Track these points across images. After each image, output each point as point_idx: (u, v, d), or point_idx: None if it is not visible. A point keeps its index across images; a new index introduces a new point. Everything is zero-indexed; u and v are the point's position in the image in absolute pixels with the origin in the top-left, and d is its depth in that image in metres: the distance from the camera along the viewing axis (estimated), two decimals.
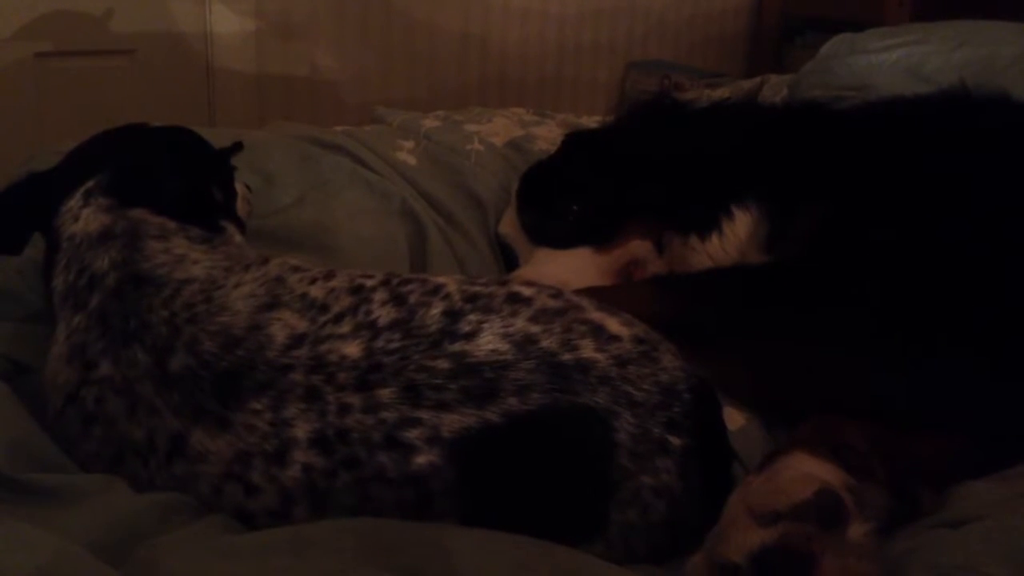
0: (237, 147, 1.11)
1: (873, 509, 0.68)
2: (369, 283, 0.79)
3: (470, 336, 0.72)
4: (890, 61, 1.80)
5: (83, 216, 0.84)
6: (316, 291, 0.79)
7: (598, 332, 0.74)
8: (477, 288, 0.77)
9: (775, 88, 1.91)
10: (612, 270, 1.16)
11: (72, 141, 0.96)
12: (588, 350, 0.72)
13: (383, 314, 0.75)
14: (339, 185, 1.31)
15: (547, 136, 1.58)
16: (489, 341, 0.72)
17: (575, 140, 1.35)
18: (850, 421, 0.77)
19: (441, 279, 0.80)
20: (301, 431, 0.70)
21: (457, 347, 0.71)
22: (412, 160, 1.42)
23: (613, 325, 0.76)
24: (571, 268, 1.14)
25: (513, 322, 0.73)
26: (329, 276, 0.81)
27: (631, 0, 3.22)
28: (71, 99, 2.21)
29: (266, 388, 0.71)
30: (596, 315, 0.76)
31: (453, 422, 0.68)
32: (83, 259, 0.82)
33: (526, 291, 0.78)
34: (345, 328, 0.75)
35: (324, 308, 0.77)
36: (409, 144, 1.47)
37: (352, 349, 0.73)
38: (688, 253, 1.12)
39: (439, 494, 0.68)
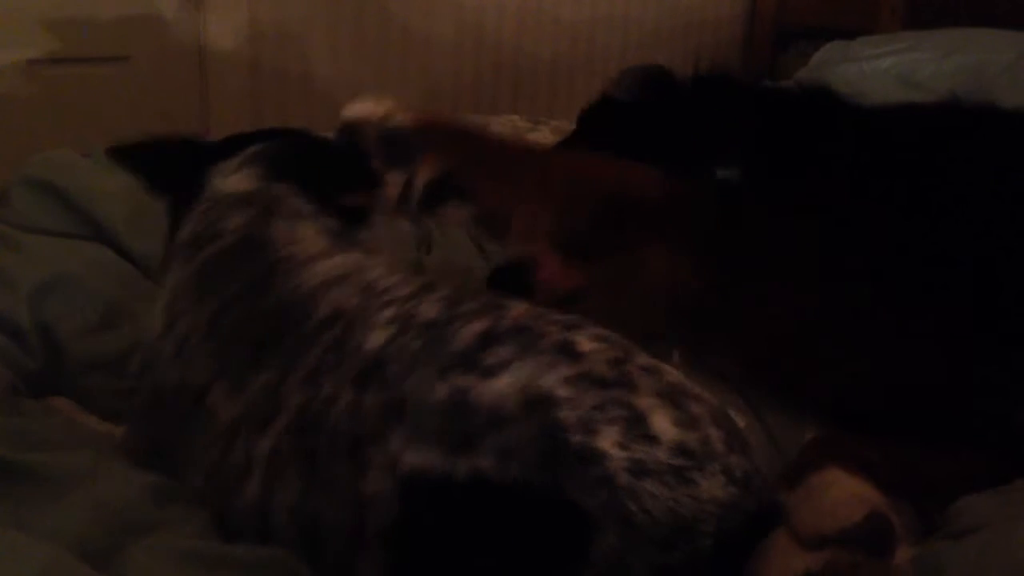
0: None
1: (915, 531, 0.67)
2: (443, 291, 0.72)
3: (487, 372, 0.62)
4: (882, 68, 1.82)
5: (233, 178, 0.87)
6: (390, 280, 0.75)
7: (635, 423, 0.60)
8: (536, 323, 0.66)
9: None
10: None
11: (65, 148, 0.95)
12: (606, 440, 0.58)
13: (427, 310, 0.68)
14: None
15: (541, 142, 1.58)
16: (502, 386, 0.61)
17: (587, 114, 1.35)
18: (861, 436, 0.76)
19: (511, 303, 0.69)
20: (288, 408, 0.67)
21: (464, 381, 0.62)
22: None
23: (662, 421, 0.60)
24: None
25: (543, 375, 0.61)
26: (421, 275, 0.80)
27: (625, 8, 3.23)
28: (64, 106, 2.20)
29: (284, 356, 0.70)
30: (647, 402, 0.61)
31: (415, 458, 0.60)
32: (218, 214, 0.84)
33: (585, 345, 0.64)
34: (385, 314, 0.69)
35: (383, 292, 0.73)
36: None
37: (376, 338, 0.67)
38: None
39: (375, 534, 0.61)
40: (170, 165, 0.93)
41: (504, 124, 1.70)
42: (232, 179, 0.86)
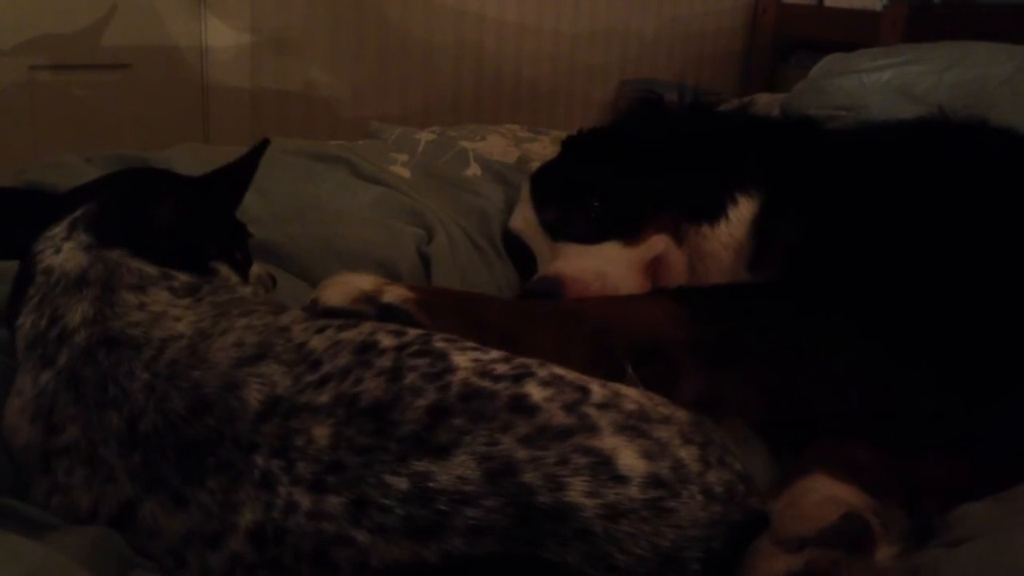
0: (262, 147, 0.92)
1: (896, 530, 0.68)
2: (384, 343, 0.69)
3: (442, 452, 0.61)
4: (882, 81, 1.82)
5: (64, 249, 0.76)
6: (318, 342, 0.69)
7: (601, 468, 0.60)
8: (484, 383, 0.65)
9: (768, 107, 1.92)
10: (640, 265, 1.16)
11: (67, 154, 0.95)
12: (576, 492, 0.59)
13: (371, 388, 0.65)
14: (340, 194, 1.33)
15: (541, 153, 1.59)
16: (461, 463, 0.60)
17: (577, 141, 1.36)
18: (860, 442, 0.77)
19: (457, 358, 0.67)
20: (244, 520, 0.62)
21: (423, 466, 0.60)
22: (406, 173, 1.44)
23: (628, 458, 0.61)
24: (606, 260, 1.15)
25: (500, 440, 0.61)
26: (351, 326, 0.71)
27: (626, 19, 3.25)
28: (65, 113, 2.21)
29: (227, 468, 0.63)
30: (610, 442, 0.62)
31: (385, 552, 0.59)
32: (56, 305, 0.73)
33: (537, 395, 0.64)
34: (324, 397, 0.65)
35: (315, 365, 0.67)
36: (403, 157, 1.48)
37: (321, 431, 0.63)
38: (702, 242, 1.14)
39: None
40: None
41: (505, 134, 1.71)
42: (63, 253, 0.75)
